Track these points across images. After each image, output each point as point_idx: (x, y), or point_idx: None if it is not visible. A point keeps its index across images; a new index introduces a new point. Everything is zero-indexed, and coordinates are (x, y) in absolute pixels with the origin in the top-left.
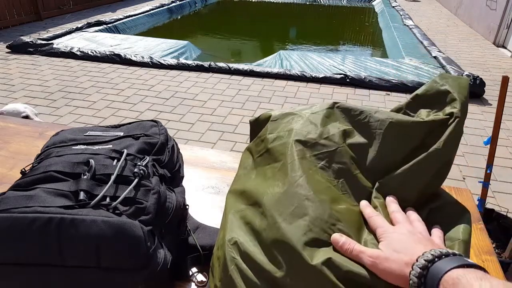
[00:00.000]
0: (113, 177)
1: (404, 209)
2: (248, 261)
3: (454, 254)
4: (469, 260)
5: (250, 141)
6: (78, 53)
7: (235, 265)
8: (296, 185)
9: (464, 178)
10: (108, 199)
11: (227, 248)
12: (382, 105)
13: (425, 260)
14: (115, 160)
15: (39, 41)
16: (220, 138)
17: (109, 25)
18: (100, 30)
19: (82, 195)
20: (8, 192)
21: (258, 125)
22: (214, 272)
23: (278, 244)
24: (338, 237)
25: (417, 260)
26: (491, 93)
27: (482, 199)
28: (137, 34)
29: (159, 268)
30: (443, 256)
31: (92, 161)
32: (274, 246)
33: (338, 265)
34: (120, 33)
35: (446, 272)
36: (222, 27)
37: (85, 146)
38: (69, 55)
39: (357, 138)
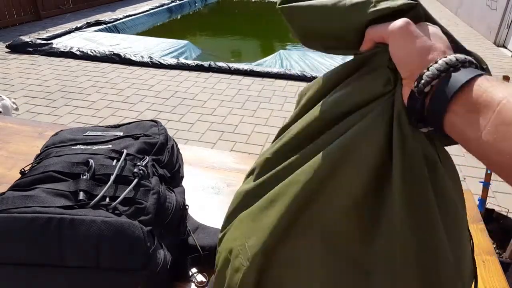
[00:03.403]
0: (112, 177)
1: None
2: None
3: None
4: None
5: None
6: (78, 53)
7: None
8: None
9: (464, 179)
10: (107, 199)
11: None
12: None
13: (455, 58)
14: (115, 160)
15: (39, 41)
16: (220, 138)
17: (108, 25)
18: (100, 30)
19: (81, 195)
20: (8, 192)
21: None
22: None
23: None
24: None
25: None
26: None
27: (483, 199)
28: (136, 34)
29: (159, 268)
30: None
31: (91, 161)
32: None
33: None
34: (119, 33)
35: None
36: (222, 27)
37: (84, 146)
38: (68, 55)
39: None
